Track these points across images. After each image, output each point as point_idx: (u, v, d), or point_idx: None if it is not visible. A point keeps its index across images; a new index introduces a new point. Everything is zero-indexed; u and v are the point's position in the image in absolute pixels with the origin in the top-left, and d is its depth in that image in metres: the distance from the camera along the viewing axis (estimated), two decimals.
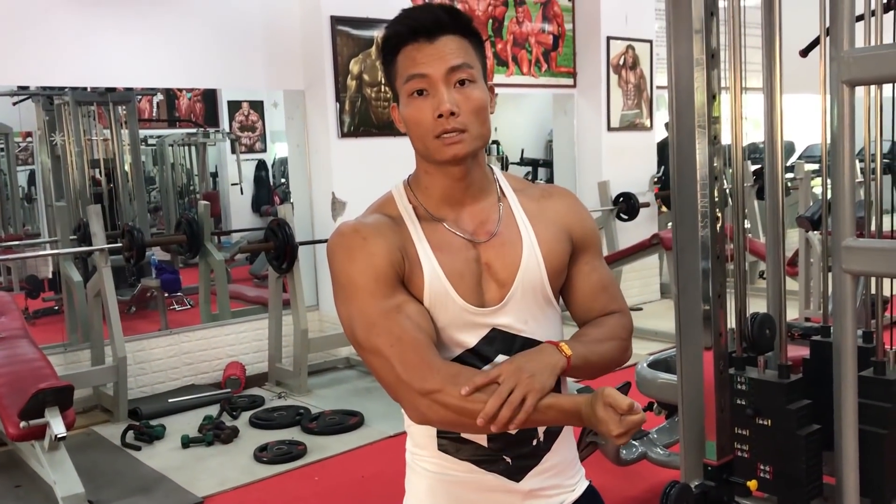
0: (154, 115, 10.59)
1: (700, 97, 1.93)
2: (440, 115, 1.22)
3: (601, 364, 1.31)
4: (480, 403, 1.15)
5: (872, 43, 1.94)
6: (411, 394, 1.20)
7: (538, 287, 1.31)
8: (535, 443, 1.33)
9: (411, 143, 1.29)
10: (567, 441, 1.39)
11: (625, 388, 2.69)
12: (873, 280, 2.09)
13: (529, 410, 1.16)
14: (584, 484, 1.42)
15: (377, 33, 5.19)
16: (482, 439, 1.31)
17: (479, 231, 1.31)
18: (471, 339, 1.28)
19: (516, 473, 1.32)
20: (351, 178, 5.19)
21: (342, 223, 1.32)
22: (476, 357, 1.29)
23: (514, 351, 1.29)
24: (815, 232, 5.26)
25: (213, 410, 4.42)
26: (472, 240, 1.30)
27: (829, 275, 2.12)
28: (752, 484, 1.93)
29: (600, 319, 1.36)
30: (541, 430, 1.33)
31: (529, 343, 1.29)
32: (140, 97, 8.86)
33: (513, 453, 1.32)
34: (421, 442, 1.36)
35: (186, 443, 3.94)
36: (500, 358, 1.28)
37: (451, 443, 1.32)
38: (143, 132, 8.44)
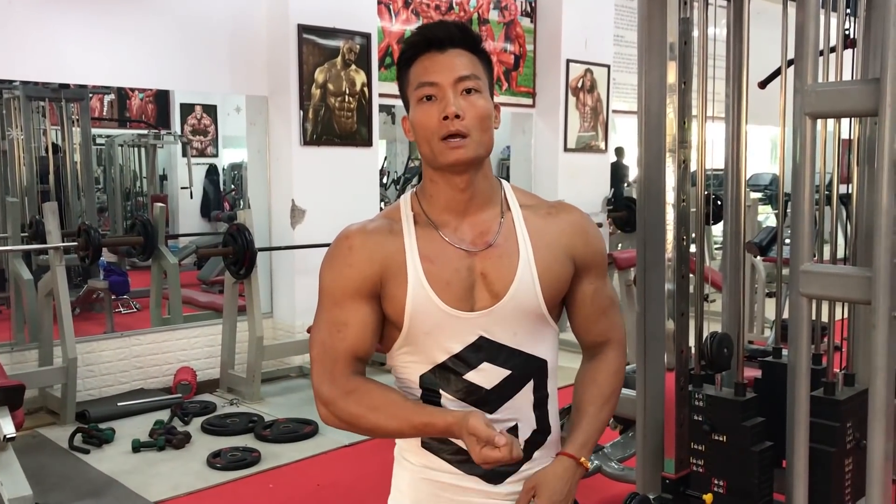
0: (105, 113, 10.41)
1: (672, 122, 2.00)
2: (445, 118, 1.27)
3: (601, 433, 1.47)
4: (363, 418, 1.30)
5: (832, 78, 2.05)
6: (316, 399, 1.34)
7: (531, 302, 1.34)
8: None
9: (418, 148, 1.34)
10: (549, 452, 1.42)
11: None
12: (824, 304, 2.19)
13: None
14: None
15: (343, 43, 5.23)
16: (462, 441, 1.34)
17: (478, 241, 1.35)
18: (456, 345, 1.33)
19: (495, 478, 1.36)
20: (311, 186, 5.20)
21: (348, 225, 1.38)
22: (462, 363, 1.33)
23: (500, 361, 1.33)
24: (761, 258, 5.45)
25: (163, 415, 4.37)
26: (467, 249, 1.34)
27: (776, 300, 2.22)
28: (708, 497, 2.00)
29: (596, 373, 1.46)
30: (522, 438, 1.37)
31: (516, 354, 1.34)
32: (91, 95, 8.71)
33: None
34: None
35: (137, 447, 3.89)
36: (486, 366, 1.33)
37: (433, 441, 1.37)
38: (92, 131, 8.30)
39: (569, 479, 1.36)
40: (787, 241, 1.85)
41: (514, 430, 1.36)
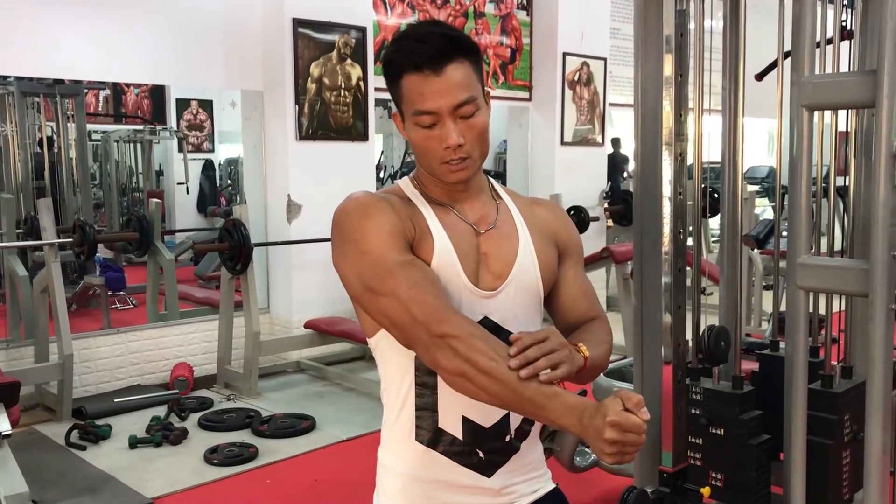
0: (100, 109, 10.38)
1: (668, 115, 2.00)
2: (447, 147, 1.27)
3: (599, 367, 1.35)
4: (490, 360, 1.16)
5: (829, 70, 2.04)
6: (426, 335, 1.20)
7: (532, 284, 1.37)
8: (507, 439, 1.37)
9: (417, 159, 1.35)
10: (534, 442, 1.44)
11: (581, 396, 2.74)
12: (821, 297, 2.18)
13: (558, 377, 1.19)
14: (551, 485, 1.47)
15: (339, 37, 5.21)
16: (458, 431, 1.34)
17: (480, 223, 1.37)
18: None
19: (488, 469, 1.36)
20: (307, 180, 5.19)
21: (352, 192, 1.32)
22: None
23: None
24: (758, 250, 5.45)
25: (160, 411, 4.37)
26: (475, 228, 1.36)
27: (773, 293, 2.22)
28: (706, 491, 2.00)
29: (586, 325, 1.42)
30: (512, 427, 1.37)
31: None
32: (86, 91, 8.68)
33: (486, 447, 1.36)
34: (400, 432, 1.37)
35: (134, 443, 3.89)
36: None
37: (428, 433, 1.35)
38: (87, 127, 8.26)
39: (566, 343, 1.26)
40: (784, 233, 1.85)
41: (506, 418, 1.35)
